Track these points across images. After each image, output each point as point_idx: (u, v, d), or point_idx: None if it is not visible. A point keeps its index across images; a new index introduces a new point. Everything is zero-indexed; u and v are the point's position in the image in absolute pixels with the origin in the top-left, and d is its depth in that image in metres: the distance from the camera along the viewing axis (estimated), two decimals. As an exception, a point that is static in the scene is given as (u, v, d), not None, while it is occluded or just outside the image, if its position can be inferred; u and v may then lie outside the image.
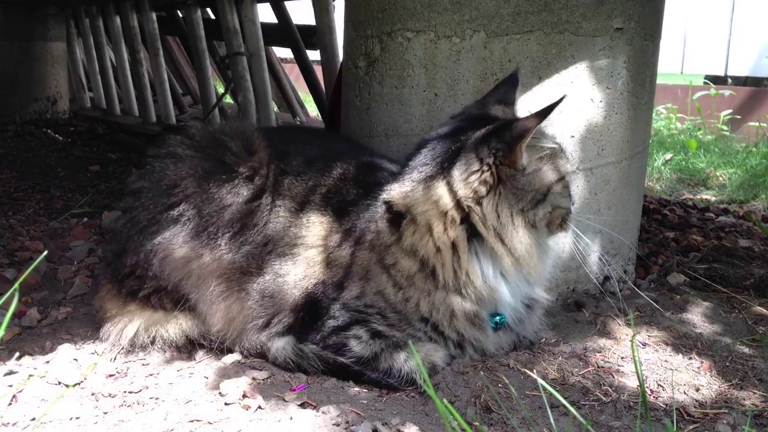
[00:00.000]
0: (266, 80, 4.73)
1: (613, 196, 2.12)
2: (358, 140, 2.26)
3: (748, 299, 2.10)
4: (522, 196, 1.58)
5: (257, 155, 1.80)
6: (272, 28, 4.90)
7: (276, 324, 1.72)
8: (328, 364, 1.67)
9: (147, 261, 1.78)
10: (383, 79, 2.15)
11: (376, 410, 1.52)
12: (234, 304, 1.74)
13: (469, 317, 1.65)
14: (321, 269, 1.70)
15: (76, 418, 1.48)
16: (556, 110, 1.99)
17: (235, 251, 1.73)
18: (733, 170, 4.44)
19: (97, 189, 3.74)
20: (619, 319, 1.96)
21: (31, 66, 6.21)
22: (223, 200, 1.75)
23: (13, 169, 4.26)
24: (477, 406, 1.51)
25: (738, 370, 1.68)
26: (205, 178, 1.77)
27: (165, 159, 1.83)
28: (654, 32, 2.15)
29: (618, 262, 2.20)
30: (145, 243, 1.78)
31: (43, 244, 2.61)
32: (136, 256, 1.80)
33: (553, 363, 1.70)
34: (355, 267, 1.67)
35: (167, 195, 1.78)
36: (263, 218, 1.75)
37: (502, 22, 1.97)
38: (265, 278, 1.72)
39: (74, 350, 1.81)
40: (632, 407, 1.51)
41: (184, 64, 6.79)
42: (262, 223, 1.75)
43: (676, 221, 3.15)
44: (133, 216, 1.83)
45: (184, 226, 1.75)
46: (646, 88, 2.15)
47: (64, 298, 2.17)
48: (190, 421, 1.46)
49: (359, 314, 1.66)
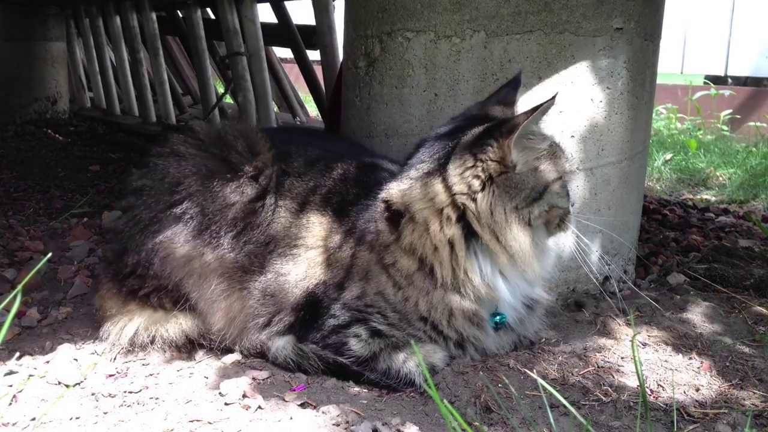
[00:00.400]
0: (266, 80, 4.73)
1: (613, 196, 2.12)
2: (358, 140, 2.26)
3: (748, 299, 2.10)
4: (516, 194, 1.58)
5: (262, 155, 1.81)
6: (272, 28, 4.90)
7: (277, 323, 1.72)
8: (328, 363, 1.68)
9: (148, 260, 1.78)
10: (383, 79, 2.15)
11: (376, 410, 1.52)
12: (235, 303, 1.74)
13: (468, 316, 1.65)
14: (322, 269, 1.70)
15: (76, 418, 1.48)
16: (557, 110, 2.01)
17: (237, 250, 1.73)
18: (733, 170, 4.44)
19: (97, 189, 3.74)
20: (619, 319, 1.96)
21: (31, 66, 6.21)
22: (227, 199, 1.75)
23: (13, 169, 4.26)
24: (477, 406, 1.51)
25: (738, 370, 1.68)
26: (209, 177, 1.77)
27: (168, 157, 1.83)
28: (654, 32, 2.15)
29: (618, 262, 2.20)
30: (146, 241, 1.78)
31: (43, 244, 2.61)
32: (137, 255, 1.80)
33: (553, 363, 1.70)
34: (355, 267, 1.68)
35: (170, 193, 1.77)
36: (266, 218, 1.75)
37: (502, 22, 1.97)
38: (267, 277, 1.72)
39: (74, 350, 1.81)
40: (632, 407, 1.51)
41: (184, 64, 6.79)
42: (266, 223, 1.75)
43: (676, 221, 3.15)
44: (134, 215, 1.83)
45: (187, 224, 1.75)
46: (646, 88, 2.15)
47: (64, 298, 2.17)
48: (190, 421, 1.46)
49: (359, 313, 1.66)
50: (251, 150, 1.81)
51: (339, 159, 1.87)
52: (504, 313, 1.69)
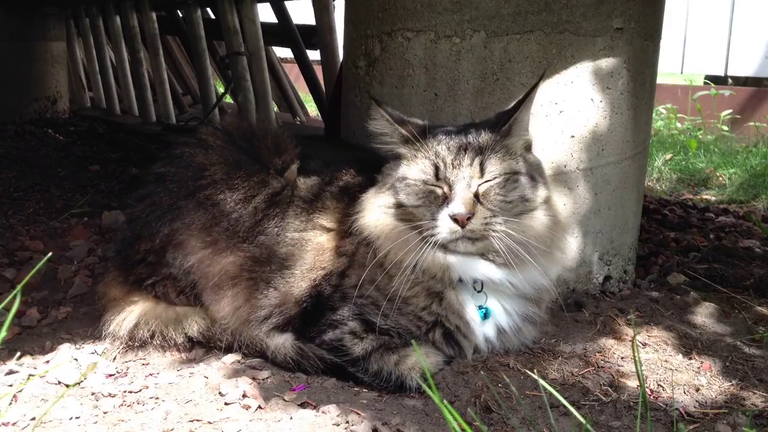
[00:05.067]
0: (266, 80, 4.73)
1: (613, 196, 2.12)
2: (358, 140, 2.26)
3: (748, 299, 2.10)
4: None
5: (288, 153, 1.88)
6: (272, 28, 4.90)
7: (278, 314, 1.74)
8: (327, 363, 1.68)
9: (162, 246, 1.81)
10: (383, 78, 2.15)
11: (376, 410, 1.52)
12: (242, 292, 1.76)
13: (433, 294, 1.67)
14: (329, 257, 1.73)
15: (76, 418, 1.48)
16: (557, 110, 2.01)
17: (251, 240, 1.77)
18: (733, 170, 4.44)
19: (97, 189, 3.74)
20: (619, 319, 1.96)
21: (31, 66, 6.21)
22: (251, 189, 1.80)
23: (13, 169, 4.26)
24: (477, 406, 1.51)
25: (738, 370, 1.68)
26: (235, 167, 1.82)
27: (195, 147, 1.89)
28: (654, 32, 2.15)
29: (618, 262, 2.20)
30: (162, 228, 1.81)
31: (43, 244, 2.62)
32: (150, 241, 1.83)
33: (553, 363, 1.70)
34: (357, 255, 1.71)
35: (194, 179, 1.82)
36: (282, 211, 1.80)
37: (502, 22, 1.97)
38: (271, 268, 1.75)
39: (74, 350, 1.81)
40: (632, 407, 1.51)
41: (184, 64, 6.79)
42: (281, 215, 1.79)
43: (676, 221, 3.15)
44: (153, 201, 1.86)
45: (207, 211, 1.78)
46: (646, 88, 2.15)
47: (64, 297, 2.17)
48: (190, 421, 1.46)
49: (356, 307, 1.69)
50: (277, 147, 1.89)
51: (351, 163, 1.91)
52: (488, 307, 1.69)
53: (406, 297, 1.66)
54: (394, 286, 1.64)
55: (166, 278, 1.83)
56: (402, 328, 1.68)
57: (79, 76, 6.98)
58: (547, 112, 2.01)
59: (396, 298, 1.64)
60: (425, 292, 1.67)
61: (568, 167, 2.04)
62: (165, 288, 1.84)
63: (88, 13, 6.42)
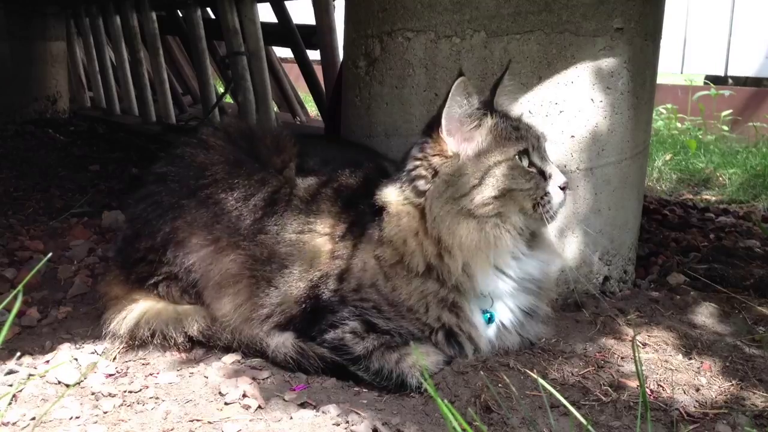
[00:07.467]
0: (266, 80, 4.73)
1: (613, 196, 2.12)
2: (358, 140, 2.26)
3: (748, 299, 2.10)
4: (453, 183, 1.61)
5: (287, 152, 1.89)
6: (272, 28, 4.90)
7: (279, 314, 1.74)
8: (327, 362, 1.68)
9: (163, 244, 1.81)
10: (383, 79, 2.15)
11: (376, 410, 1.52)
12: (243, 290, 1.76)
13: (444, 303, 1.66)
14: (327, 260, 1.73)
15: (76, 417, 1.48)
16: (557, 110, 2.01)
17: (251, 238, 1.77)
18: (734, 170, 4.44)
19: (97, 189, 3.74)
20: (619, 319, 1.96)
21: (31, 65, 6.21)
22: (252, 188, 1.81)
23: (13, 168, 4.26)
24: (477, 406, 1.51)
25: (738, 370, 1.68)
26: (236, 165, 1.84)
27: (196, 147, 1.90)
28: (654, 32, 2.15)
29: (618, 262, 2.20)
30: (163, 227, 1.81)
31: (43, 244, 2.62)
32: (151, 239, 1.83)
33: (553, 363, 1.70)
34: (355, 259, 1.70)
35: (196, 178, 1.83)
36: (281, 209, 1.80)
37: (502, 22, 1.97)
38: (272, 266, 1.74)
39: (74, 350, 1.81)
40: (632, 407, 1.51)
41: (184, 63, 6.79)
42: (280, 213, 1.79)
43: (676, 221, 3.15)
44: (155, 200, 1.87)
45: (209, 209, 1.79)
46: (646, 88, 2.15)
47: (64, 297, 2.17)
48: (190, 420, 1.46)
49: (356, 309, 1.68)
50: (277, 146, 1.90)
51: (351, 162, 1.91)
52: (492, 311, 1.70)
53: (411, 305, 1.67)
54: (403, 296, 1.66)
55: (167, 277, 1.84)
56: (404, 330, 1.68)
57: (79, 75, 6.99)
58: (547, 111, 2.01)
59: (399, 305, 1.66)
60: (436, 301, 1.67)
61: (568, 167, 2.04)
62: (166, 286, 1.85)
63: (88, 13, 6.42)
